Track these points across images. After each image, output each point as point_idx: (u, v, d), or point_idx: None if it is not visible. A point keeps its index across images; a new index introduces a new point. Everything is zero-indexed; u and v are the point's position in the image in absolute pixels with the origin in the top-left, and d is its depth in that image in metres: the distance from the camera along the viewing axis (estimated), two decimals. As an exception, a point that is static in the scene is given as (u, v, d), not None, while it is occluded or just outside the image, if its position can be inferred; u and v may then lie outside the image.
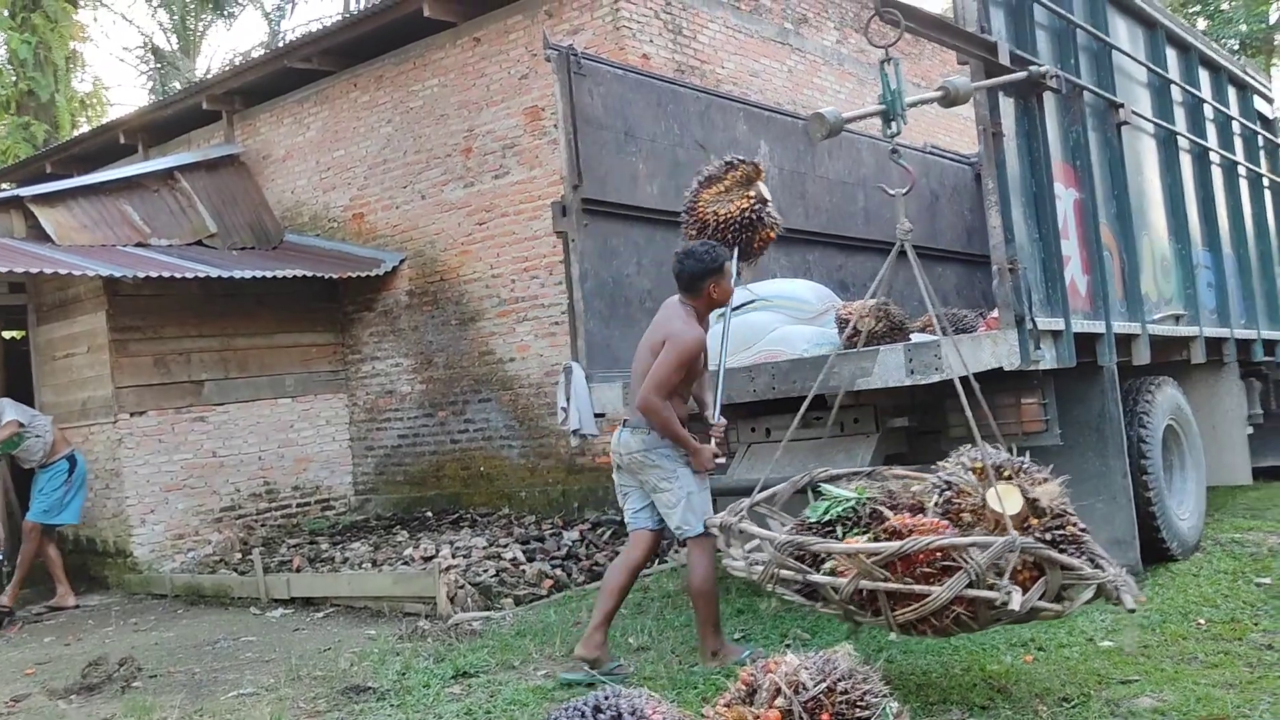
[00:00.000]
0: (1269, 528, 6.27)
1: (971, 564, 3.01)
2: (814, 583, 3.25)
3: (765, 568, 3.38)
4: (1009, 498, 3.31)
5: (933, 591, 3.02)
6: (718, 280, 4.35)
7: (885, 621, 3.22)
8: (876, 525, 3.43)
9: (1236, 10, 20.95)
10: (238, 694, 4.77)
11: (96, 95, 20.16)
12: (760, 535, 3.45)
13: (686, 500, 4.25)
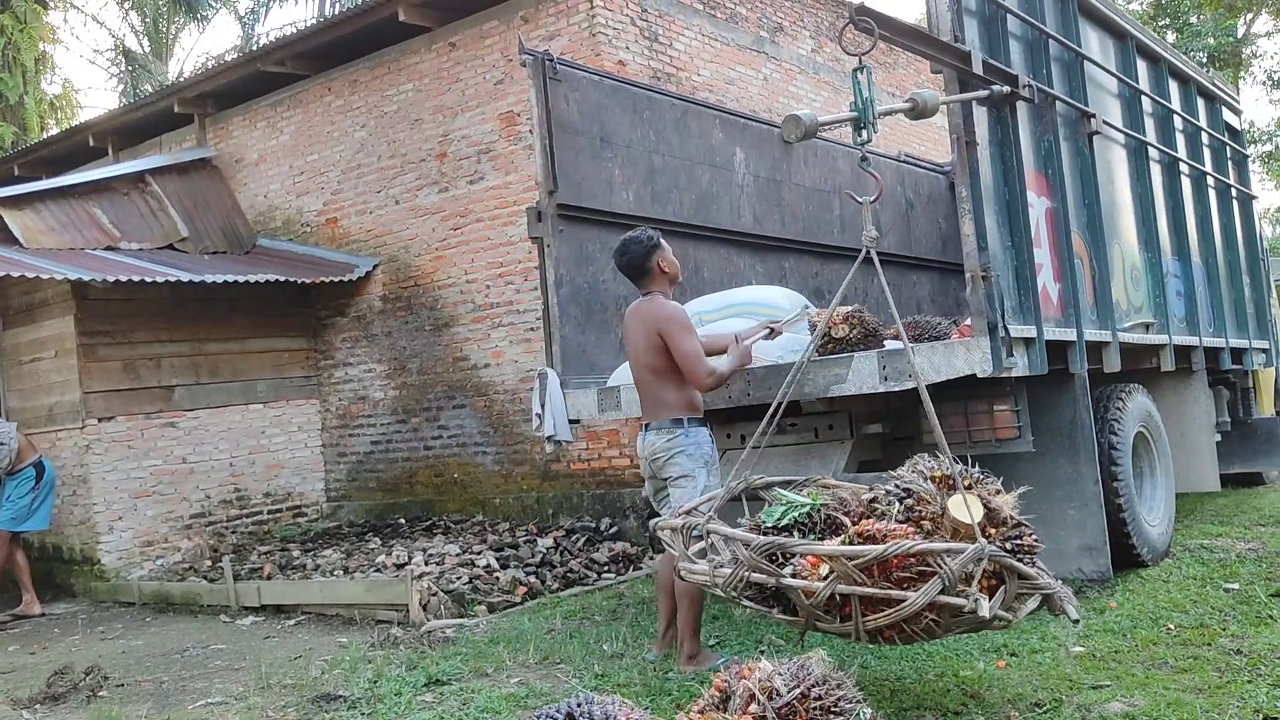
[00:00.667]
0: (1237, 534, 6.34)
1: (945, 569, 3.01)
2: (787, 586, 3.19)
3: (734, 570, 3.32)
4: (971, 507, 3.32)
5: (908, 597, 3.02)
6: (661, 254, 4.50)
7: (851, 628, 3.16)
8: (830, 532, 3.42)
9: (1205, 24, 21.27)
10: (206, 703, 4.71)
11: (66, 97, 19.95)
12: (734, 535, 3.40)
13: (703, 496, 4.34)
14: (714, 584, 3.38)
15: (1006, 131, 4.89)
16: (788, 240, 7.46)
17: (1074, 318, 5.14)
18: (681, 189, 6.58)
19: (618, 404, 5.37)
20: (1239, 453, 8.04)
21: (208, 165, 10.95)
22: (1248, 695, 3.38)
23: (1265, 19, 23.85)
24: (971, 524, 3.21)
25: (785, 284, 6.89)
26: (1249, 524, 6.71)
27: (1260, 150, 23.56)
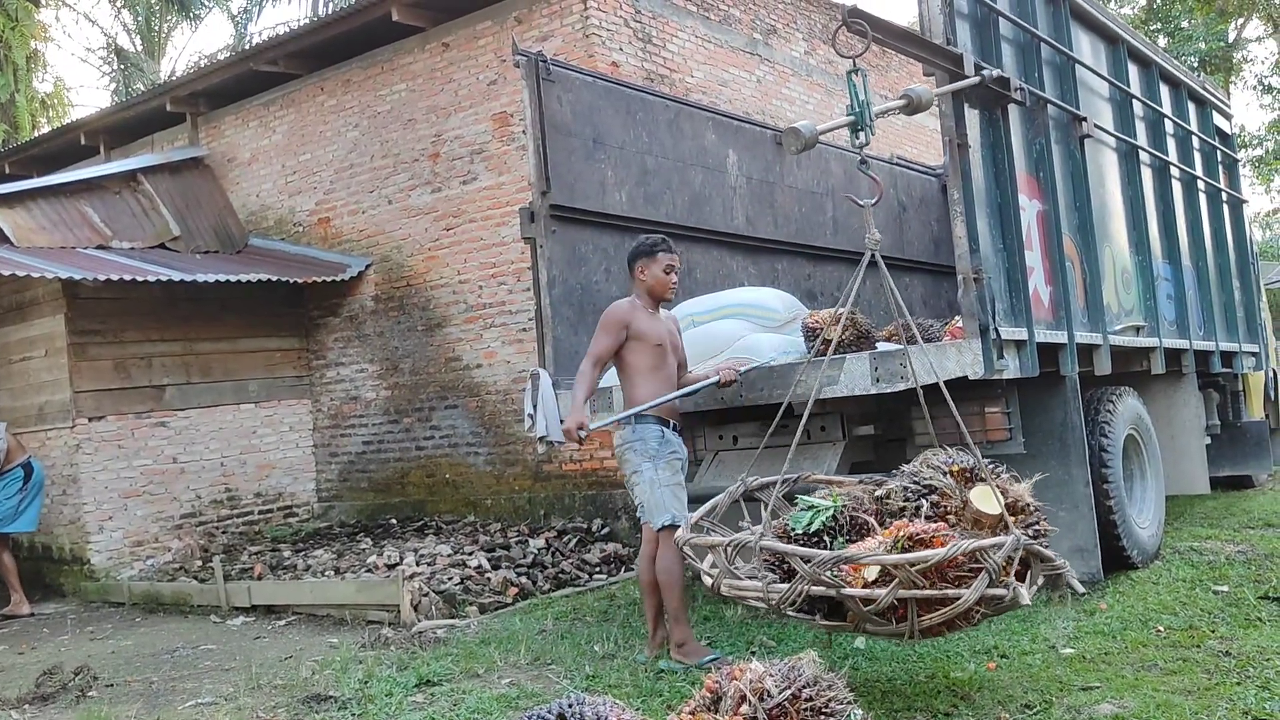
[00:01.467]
0: (1226, 536, 6.37)
1: (990, 564, 3.06)
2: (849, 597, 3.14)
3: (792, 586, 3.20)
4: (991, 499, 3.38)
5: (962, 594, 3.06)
6: (643, 263, 4.62)
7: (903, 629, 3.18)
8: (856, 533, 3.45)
9: (1196, 29, 21.36)
10: (196, 703, 4.70)
11: (58, 96, 19.90)
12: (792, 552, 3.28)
13: (650, 494, 4.40)
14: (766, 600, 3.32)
15: (998, 134, 4.90)
16: (780, 242, 7.47)
17: (1065, 320, 5.16)
18: (674, 190, 6.59)
19: (610, 405, 5.37)
20: (1228, 456, 8.07)
21: (200, 164, 10.92)
22: (1236, 697, 3.40)
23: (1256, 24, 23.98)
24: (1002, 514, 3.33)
25: (778, 286, 6.89)
26: (1238, 527, 6.73)
27: (1250, 155, 23.67)
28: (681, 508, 4.37)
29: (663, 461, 4.43)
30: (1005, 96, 4.88)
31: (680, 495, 4.44)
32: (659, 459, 4.43)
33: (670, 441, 4.51)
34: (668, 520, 4.33)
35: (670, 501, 4.38)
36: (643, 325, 4.55)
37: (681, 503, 4.41)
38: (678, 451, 4.53)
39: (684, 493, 4.48)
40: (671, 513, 4.34)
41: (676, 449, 4.53)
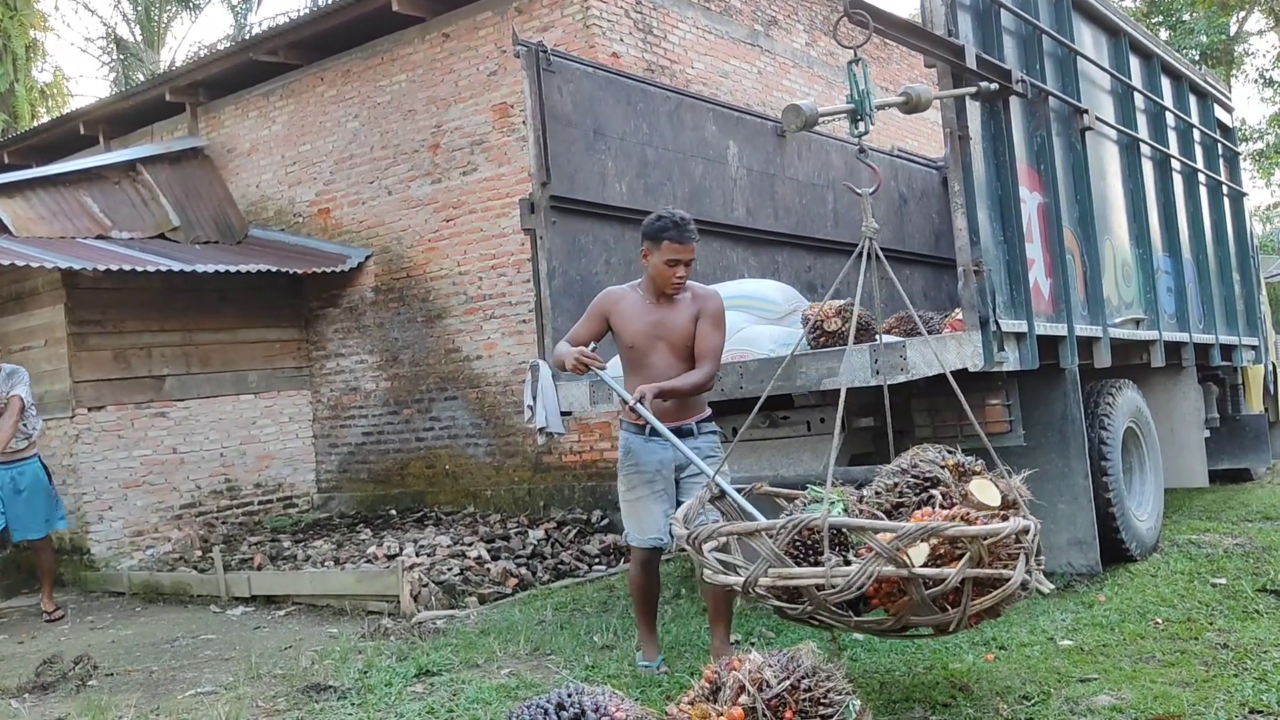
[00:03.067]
0: (1224, 529, 6.37)
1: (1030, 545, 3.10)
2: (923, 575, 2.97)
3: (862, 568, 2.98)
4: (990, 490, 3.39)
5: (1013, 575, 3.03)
6: (648, 249, 4.08)
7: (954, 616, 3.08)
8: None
9: (1198, 22, 21.31)
10: (195, 693, 4.71)
11: (57, 85, 19.88)
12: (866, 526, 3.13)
13: (621, 505, 4.24)
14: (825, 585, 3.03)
15: (999, 127, 4.90)
16: (781, 234, 7.47)
17: (1065, 313, 5.16)
18: (674, 182, 6.58)
19: (610, 396, 5.38)
20: (1227, 449, 8.08)
21: (199, 155, 10.90)
22: (1234, 689, 3.41)
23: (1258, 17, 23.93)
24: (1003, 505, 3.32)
25: (778, 278, 6.90)
26: (1236, 519, 6.74)
27: (1251, 148, 23.64)
28: (638, 524, 4.12)
29: (621, 474, 4.20)
30: (1006, 89, 4.87)
31: (636, 511, 4.13)
32: (620, 470, 4.22)
33: (633, 452, 4.14)
34: (624, 538, 4.29)
35: (627, 519, 4.20)
36: (620, 317, 4.14)
37: (637, 518, 4.13)
38: (639, 463, 4.12)
39: (645, 507, 4.10)
40: (627, 530, 4.20)
41: (639, 460, 4.12)
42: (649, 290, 4.16)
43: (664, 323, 4.11)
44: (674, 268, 4.05)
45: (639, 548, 4.17)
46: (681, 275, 4.07)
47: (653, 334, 4.10)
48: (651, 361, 4.09)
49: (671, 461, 4.08)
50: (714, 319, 4.14)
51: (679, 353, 4.11)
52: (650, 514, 4.08)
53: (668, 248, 4.03)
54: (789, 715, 2.61)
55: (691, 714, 2.66)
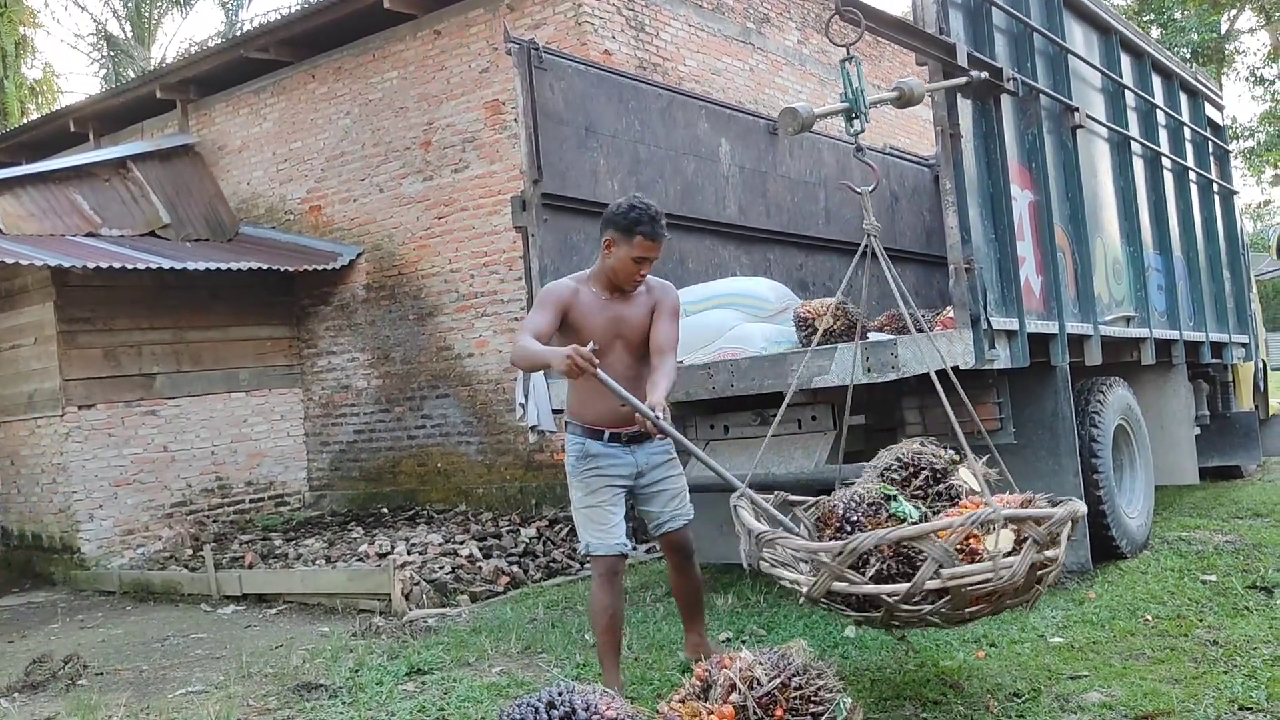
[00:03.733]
0: (1214, 526, 6.39)
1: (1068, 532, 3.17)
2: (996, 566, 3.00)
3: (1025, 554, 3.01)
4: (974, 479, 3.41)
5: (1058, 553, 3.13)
6: (615, 239, 3.69)
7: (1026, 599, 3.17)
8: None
9: (1189, 19, 21.37)
10: (186, 692, 4.69)
11: (47, 82, 19.79)
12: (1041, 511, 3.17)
13: (575, 515, 3.87)
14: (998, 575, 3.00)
15: (991, 125, 4.90)
16: (773, 232, 7.47)
17: (1056, 311, 5.17)
18: (666, 179, 6.57)
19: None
20: (1217, 446, 8.10)
21: (190, 152, 10.87)
22: (1223, 686, 3.42)
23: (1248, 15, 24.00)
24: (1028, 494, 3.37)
25: (770, 275, 6.89)
26: (1227, 517, 6.76)
27: (1242, 146, 23.71)
28: (601, 531, 3.74)
29: (577, 479, 3.81)
30: (998, 87, 4.87)
31: (597, 518, 3.76)
32: (574, 475, 3.82)
33: (593, 456, 3.79)
34: (582, 548, 3.85)
35: (584, 528, 3.80)
36: (576, 312, 3.74)
37: (599, 525, 3.75)
38: (601, 467, 3.78)
39: (605, 513, 3.76)
40: (585, 540, 3.78)
41: (600, 464, 3.78)
42: (602, 285, 3.80)
43: (622, 318, 3.79)
44: (640, 265, 3.73)
45: (605, 556, 3.73)
46: (645, 273, 3.78)
47: (612, 331, 3.77)
48: (608, 360, 3.68)
49: (633, 468, 3.82)
50: (672, 312, 3.86)
51: (635, 349, 3.82)
52: (613, 519, 3.76)
53: (640, 243, 3.67)
54: (780, 713, 2.61)
55: (682, 712, 2.66)
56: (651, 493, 3.89)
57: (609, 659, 3.76)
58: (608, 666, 3.76)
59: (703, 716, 2.62)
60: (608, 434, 3.77)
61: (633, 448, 3.81)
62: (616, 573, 3.79)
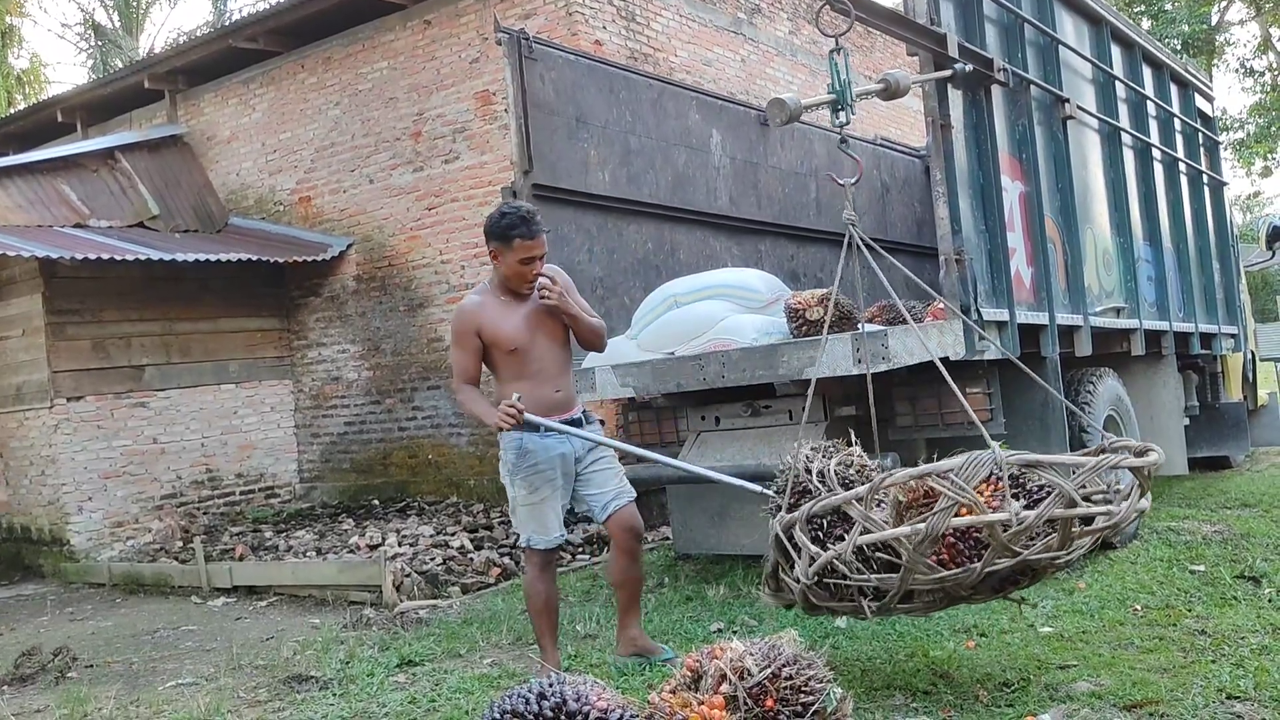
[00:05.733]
0: (1203, 517, 6.42)
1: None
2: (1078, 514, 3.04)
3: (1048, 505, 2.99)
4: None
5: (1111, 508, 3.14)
6: (498, 249, 3.82)
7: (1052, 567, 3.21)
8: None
9: (1179, 11, 21.41)
10: (176, 684, 4.69)
11: (34, 72, 19.68)
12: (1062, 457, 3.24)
13: (515, 509, 4.01)
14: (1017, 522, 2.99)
15: (981, 116, 4.90)
16: (764, 223, 7.46)
17: (1046, 302, 5.18)
18: (658, 170, 6.56)
19: (592, 385, 5.38)
20: (1206, 437, 8.13)
21: (179, 142, 10.81)
22: (1211, 675, 3.43)
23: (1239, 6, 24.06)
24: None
25: (761, 266, 6.89)
26: (1215, 507, 6.79)
27: (1232, 137, 23.78)
28: (540, 526, 3.93)
29: (519, 478, 3.92)
30: (988, 78, 4.87)
31: (537, 514, 3.93)
32: (515, 474, 3.92)
33: (531, 453, 3.88)
34: (522, 541, 4.02)
35: (524, 523, 3.97)
36: (491, 326, 3.84)
37: (539, 520, 3.93)
38: (540, 464, 3.89)
39: (545, 510, 3.93)
40: (526, 534, 3.97)
41: (539, 461, 3.89)
42: (503, 291, 3.91)
43: (535, 314, 3.88)
44: (529, 265, 3.81)
45: (543, 550, 3.96)
46: (538, 271, 3.84)
47: (530, 329, 3.87)
48: (536, 356, 3.88)
49: (571, 455, 3.95)
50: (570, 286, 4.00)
51: (558, 338, 3.96)
52: (553, 513, 3.94)
53: (520, 246, 3.77)
54: (770, 703, 2.61)
55: (673, 702, 2.66)
56: (592, 475, 4.00)
57: (547, 638, 4.01)
58: (546, 646, 4.00)
59: (693, 707, 2.62)
60: (542, 427, 3.84)
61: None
62: (551, 563, 4.05)
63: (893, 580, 3.15)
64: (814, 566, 3.22)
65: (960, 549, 3.14)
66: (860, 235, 3.73)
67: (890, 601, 3.23)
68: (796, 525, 3.29)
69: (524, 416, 3.72)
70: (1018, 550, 3.04)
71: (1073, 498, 3.01)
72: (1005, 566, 3.08)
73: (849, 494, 3.19)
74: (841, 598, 3.33)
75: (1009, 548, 3.03)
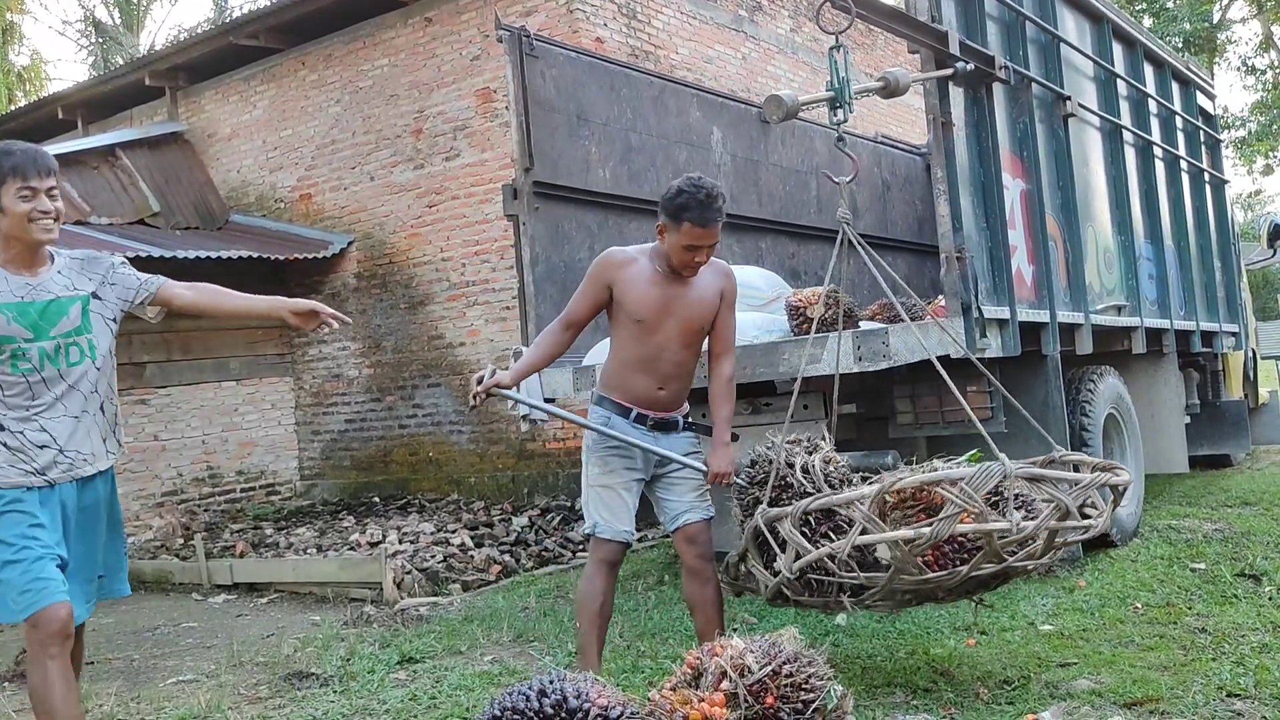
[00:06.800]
0: (1204, 515, 6.42)
1: None
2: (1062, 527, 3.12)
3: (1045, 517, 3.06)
4: None
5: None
6: (666, 225, 3.42)
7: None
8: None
9: (1181, 8, 21.38)
10: (177, 680, 4.69)
11: (35, 69, 19.66)
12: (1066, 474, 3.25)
13: (586, 494, 3.62)
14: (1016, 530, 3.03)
15: (982, 113, 4.89)
16: (764, 220, 7.46)
17: (1047, 300, 5.17)
18: (658, 168, 6.55)
19: (593, 383, 5.36)
20: (1207, 435, 8.13)
21: (179, 139, 10.81)
22: (1212, 673, 3.43)
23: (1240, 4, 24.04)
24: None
25: (761, 264, 6.89)
26: (1216, 505, 6.79)
27: (1233, 135, 23.75)
28: (610, 513, 3.51)
29: (595, 455, 3.57)
30: (990, 75, 4.87)
31: (609, 499, 3.53)
32: (593, 451, 3.58)
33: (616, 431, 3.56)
34: (588, 528, 3.57)
35: (594, 507, 3.55)
36: (630, 288, 3.47)
37: (610, 507, 3.52)
38: (619, 447, 3.55)
39: (619, 496, 3.54)
40: (593, 520, 3.53)
41: (618, 444, 3.54)
42: (662, 263, 3.50)
43: (681, 298, 3.50)
44: (694, 253, 3.42)
45: (611, 541, 3.51)
46: (702, 260, 3.46)
47: (665, 309, 3.48)
48: (656, 340, 3.49)
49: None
50: (734, 303, 3.65)
51: (689, 335, 3.55)
52: (625, 504, 3.54)
53: (688, 231, 3.36)
54: (771, 701, 2.61)
55: (673, 700, 2.66)
56: (673, 480, 3.62)
57: (593, 651, 3.54)
58: (591, 658, 3.52)
59: (694, 704, 2.62)
60: (635, 413, 3.54)
61: (657, 435, 3.57)
62: (615, 562, 3.58)
63: (879, 579, 3.17)
64: (801, 562, 3.21)
65: (945, 552, 3.21)
66: (853, 234, 3.73)
67: (869, 599, 3.25)
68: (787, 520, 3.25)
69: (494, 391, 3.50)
70: (1005, 557, 3.10)
71: (1070, 511, 3.07)
72: (988, 571, 3.16)
73: (853, 494, 3.18)
74: (818, 594, 3.35)
75: (1000, 555, 3.09)
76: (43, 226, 2.95)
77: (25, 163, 2.91)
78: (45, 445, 2.95)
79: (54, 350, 3.01)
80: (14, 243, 2.95)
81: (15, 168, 2.90)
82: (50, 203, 2.95)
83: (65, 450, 3.00)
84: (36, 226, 2.93)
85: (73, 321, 3.07)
